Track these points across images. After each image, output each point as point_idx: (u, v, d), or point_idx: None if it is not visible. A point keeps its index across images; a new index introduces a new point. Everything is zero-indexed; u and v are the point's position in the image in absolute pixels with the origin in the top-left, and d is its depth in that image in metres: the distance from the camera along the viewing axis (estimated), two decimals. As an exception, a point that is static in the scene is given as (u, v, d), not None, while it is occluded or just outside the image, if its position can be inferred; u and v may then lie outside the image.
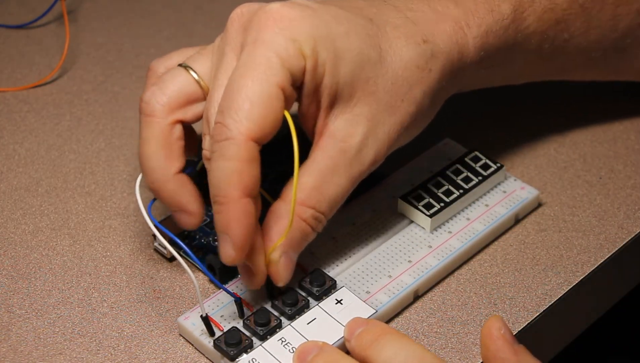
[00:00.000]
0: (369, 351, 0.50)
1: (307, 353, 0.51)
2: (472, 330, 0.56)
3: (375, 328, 0.51)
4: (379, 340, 0.50)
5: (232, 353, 0.52)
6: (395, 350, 0.49)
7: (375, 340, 0.50)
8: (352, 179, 0.54)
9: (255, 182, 0.51)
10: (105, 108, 0.69)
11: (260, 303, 0.55)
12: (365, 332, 0.51)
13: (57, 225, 0.61)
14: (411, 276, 0.57)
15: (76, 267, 0.59)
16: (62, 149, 0.66)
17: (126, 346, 0.55)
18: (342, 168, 0.54)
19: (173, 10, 0.78)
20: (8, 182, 0.64)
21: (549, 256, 0.60)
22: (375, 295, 0.56)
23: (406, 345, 0.49)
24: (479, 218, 0.60)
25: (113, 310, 0.57)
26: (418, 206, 0.59)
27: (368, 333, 0.51)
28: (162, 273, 0.58)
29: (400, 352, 0.49)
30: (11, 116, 0.69)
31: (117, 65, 0.73)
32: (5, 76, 0.72)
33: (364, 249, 0.58)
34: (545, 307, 0.57)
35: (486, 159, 0.61)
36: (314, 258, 0.57)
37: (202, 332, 0.54)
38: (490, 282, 0.58)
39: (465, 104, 0.68)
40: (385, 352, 0.49)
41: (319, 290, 0.55)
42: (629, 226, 0.61)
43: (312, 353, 0.51)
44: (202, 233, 0.59)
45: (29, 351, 0.55)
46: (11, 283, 0.58)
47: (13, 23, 0.76)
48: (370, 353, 0.50)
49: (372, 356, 0.50)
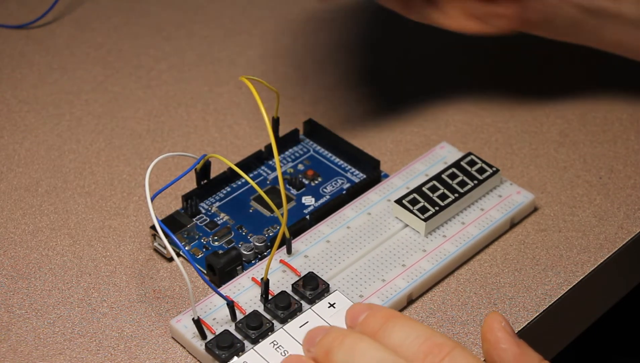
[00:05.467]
0: (378, 336, 0.49)
1: (315, 336, 0.50)
2: (472, 330, 0.56)
3: (380, 312, 0.50)
4: (387, 324, 0.49)
5: (223, 356, 0.52)
6: (405, 333, 0.48)
7: (382, 324, 0.49)
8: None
9: None
10: (105, 108, 0.69)
11: (253, 306, 0.55)
12: (370, 317, 0.50)
13: (57, 225, 0.61)
14: (405, 280, 0.57)
15: (76, 267, 0.59)
16: (62, 149, 0.66)
17: (126, 346, 0.55)
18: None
19: (173, 10, 0.78)
20: (8, 182, 0.64)
21: (548, 256, 0.60)
22: (369, 298, 0.56)
23: (415, 327, 0.49)
24: (474, 222, 0.60)
25: (113, 310, 0.57)
26: (413, 209, 0.59)
27: (373, 318, 0.50)
28: (161, 273, 0.59)
29: (411, 334, 0.48)
30: (11, 116, 0.69)
31: (117, 65, 0.73)
32: (5, 76, 0.72)
33: (357, 252, 0.58)
34: (545, 307, 0.57)
35: (482, 163, 0.61)
36: (307, 261, 0.57)
37: (194, 334, 0.54)
38: (490, 282, 0.58)
39: (461, 107, 0.68)
40: (395, 335, 0.48)
41: (312, 294, 0.55)
42: (629, 226, 0.61)
43: (320, 335, 0.50)
44: (202, 233, 0.60)
45: (29, 351, 0.55)
46: (11, 283, 0.58)
47: (13, 23, 0.76)
48: (379, 338, 0.49)
49: (382, 340, 0.48)
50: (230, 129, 0.68)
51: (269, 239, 0.59)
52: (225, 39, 0.75)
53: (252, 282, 0.56)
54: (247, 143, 0.67)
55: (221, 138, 0.67)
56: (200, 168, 0.60)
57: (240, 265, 0.57)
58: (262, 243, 0.58)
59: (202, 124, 0.68)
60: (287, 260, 0.57)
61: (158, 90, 0.71)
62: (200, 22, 0.77)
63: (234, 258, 0.57)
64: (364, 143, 0.65)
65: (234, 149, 0.66)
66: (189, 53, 0.74)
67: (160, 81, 0.71)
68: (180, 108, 0.69)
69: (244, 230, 0.60)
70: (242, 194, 0.62)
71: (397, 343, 0.48)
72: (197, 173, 0.61)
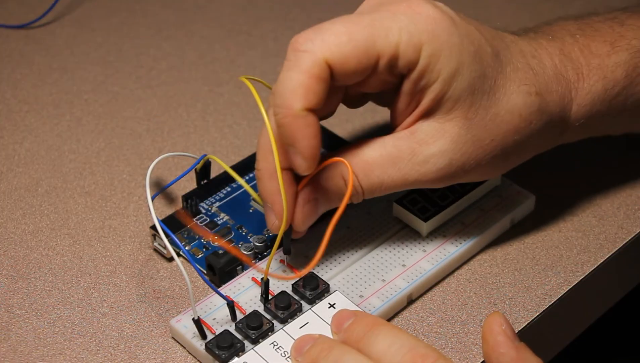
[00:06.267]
0: (361, 343, 0.50)
1: (303, 345, 0.51)
2: (472, 330, 0.56)
3: (365, 319, 0.51)
4: (371, 331, 0.50)
5: (223, 356, 0.52)
6: (389, 341, 0.49)
7: (367, 332, 0.50)
8: (405, 181, 0.54)
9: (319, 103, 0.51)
10: (105, 108, 0.69)
11: (253, 306, 0.55)
12: (355, 324, 0.51)
13: (57, 225, 0.61)
14: (405, 281, 0.57)
15: (76, 267, 0.59)
16: (62, 149, 0.66)
17: (126, 346, 0.55)
18: (402, 165, 0.54)
19: (173, 10, 0.78)
20: (8, 182, 0.64)
21: (548, 256, 0.60)
22: (369, 299, 0.56)
23: (399, 335, 0.49)
24: (474, 223, 0.60)
25: (113, 310, 0.57)
26: (413, 210, 0.59)
27: (358, 325, 0.51)
28: (161, 273, 0.59)
29: (394, 343, 0.49)
30: (11, 116, 0.69)
31: (117, 65, 0.73)
32: (5, 76, 0.72)
33: (358, 252, 0.58)
34: (545, 307, 0.57)
35: None
36: (307, 262, 0.57)
37: (194, 334, 0.54)
38: (490, 282, 0.58)
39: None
40: (378, 343, 0.49)
41: (312, 294, 0.55)
42: (629, 226, 0.61)
43: (308, 345, 0.51)
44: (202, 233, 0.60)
45: (29, 351, 0.55)
46: (11, 283, 0.58)
47: (13, 23, 0.76)
48: (362, 346, 0.49)
49: (365, 348, 0.49)
50: (230, 129, 0.68)
51: (269, 239, 0.59)
52: (225, 39, 0.75)
53: (252, 282, 0.56)
54: (247, 143, 0.67)
55: (221, 137, 0.67)
56: (200, 168, 0.60)
57: (240, 265, 0.57)
58: (262, 243, 0.58)
59: (202, 124, 0.68)
60: (287, 260, 0.57)
61: (158, 90, 0.71)
62: (200, 22, 0.77)
63: (234, 258, 0.57)
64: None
65: (234, 149, 0.66)
66: (189, 53, 0.74)
67: (160, 81, 0.71)
68: (180, 108, 0.69)
69: (244, 230, 0.60)
70: (242, 194, 0.62)
71: (380, 352, 0.49)
72: (197, 173, 0.61)
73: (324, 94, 0.51)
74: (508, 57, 0.55)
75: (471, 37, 0.54)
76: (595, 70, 0.58)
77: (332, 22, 0.52)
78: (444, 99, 0.53)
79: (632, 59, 0.58)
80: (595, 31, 0.59)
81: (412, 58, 0.52)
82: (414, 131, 0.54)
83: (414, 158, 0.54)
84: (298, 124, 0.51)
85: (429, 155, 0.54)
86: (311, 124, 0.51)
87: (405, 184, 0.54)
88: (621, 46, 0.58)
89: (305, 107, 0.51)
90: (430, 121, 0.54)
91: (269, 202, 0.54)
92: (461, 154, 0.54)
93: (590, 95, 0.58)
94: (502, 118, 0.55)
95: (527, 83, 0.55)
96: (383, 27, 0.52)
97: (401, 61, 0.52)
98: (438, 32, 0.52)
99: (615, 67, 0.58)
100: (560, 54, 0.57)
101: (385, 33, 0.52)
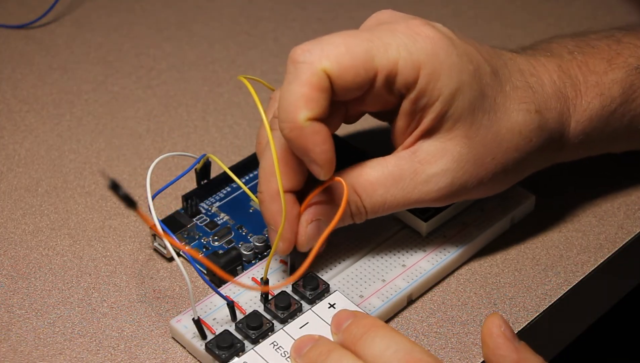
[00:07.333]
0: (359, 345, 0.50)
1: (303, 347, 0.51)
2: (472, 330, 0.56)
3: (364, 321, 0.51)
4: (368, 333, 0.50)
5: (223, 356, 0.52)
6: (385, 344, 0.49)
7: (364, 333, 0.50)
8: (407, 200, 0.55)
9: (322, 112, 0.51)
10: (105, 108, 0.69)
11: (253, 306, 0.55)
12: (353, 325, 0.51)
13: (57, 225, 0.61)
14: (405, 281, 0.57)
15: (76, 267, 0.59)
16: (62, 149, 0.66)
17: (126, 346, 0.55)
18: (404, 184, 0.54)
19: (173, 10, 0.78)
20: (8, 182, 0.64)
21: (548, 256, 0.60)
22: (369, 299, 0.56)
23: (395, 339, 0.49)
24: (474, 223, 0.60)
25: (113, 310, 0.57)
26: (413, 210, 0.59)
27: (356, 326, 0.51)
28: (161, 273, 0.59)
29: (391, 346, 0.49)
30: (11, 116, 0.69)
31: (117, 65, 0.73)
32: (6, 76, 0.72)
33: (358, 253, 0.58)
34: (545, 307, 0.57)
35: None
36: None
37: (194, 334, 0.54)
38: (490, 282, 0.58)
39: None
40: (375, 345, 0.49)
41: (312, 294, 0.55)
42: (629, 226, 0.61)
43: (307, 346, 0.51)
44: (202, 233, 0.59)
45: (29, 351, 0.55)
46: (11, 283, 0.58)
47: (13, 23, 0.76)
48: (359, 347, 0.50)
49: (362, 350, 0.50)
50: (230, 129, 0.68)
51: (269, 239, 0.59)
52: (225, 39, 0.75)
53: (252, 282, 0.56)
54: (247, 143, 0.67)
55: (221, 138, 0.67)
56: (200, 168, 0.60)
57: (240, 265, 0.57)
58: (262, 243, 0.58)
59: (202, 124, 0.68)
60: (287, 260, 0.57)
61: (158, 90, 0.71)
62: (200, 22, 0.77)
63: (234, 258, 0.57)
64: (364, 143, 0.65)
65: (234, 149, 0.66)
66: (189, 53, 0.74)
67: (160, 81, 0.71)
68: (180, 108, 0.69)
69: (244, 230, 0.60)
70: (242, 194, 0.62)
71: (376, 354, 0.49)
72: (197, 173, 0.61)
73: (326, 103, 0.51)
74: (507, 75, 0.56)
75: (470, 56, 0.54)
76: (592, 87, 0.58)
77: (331, 35, 0.53)
78: (445, 119, 0.53)
79: (628, 77, 0.59)
80: (593, 48, 0.59)
81: (411, 77, 0.52)
82: (416, 150, 0.54)
83: (416, 178, 0.54)
84: (305, 134, 0.51)
85: (431, 174, 0.54)
86: (318, 131, 0.51)
87: (408, 203, 0.55)
88: (618, 63, 0.59)
89: (309, 117, 0.51)
90: (431, 141, 0.54)
91: (272, 225, 0.54)
92: (463, 173, 0.55)
93: (588, 112, 0.58)
94: (503, 136, 0.55)
95: (526, 101, 0.56)
96: (382, 43, 0.52)
97: (400, 78, 0.53)
98: (437, 52, 0.53)
99: (612, 84, 0.58)
100: (559, 70, 0.58)
101: (384, 49, 0.52)
